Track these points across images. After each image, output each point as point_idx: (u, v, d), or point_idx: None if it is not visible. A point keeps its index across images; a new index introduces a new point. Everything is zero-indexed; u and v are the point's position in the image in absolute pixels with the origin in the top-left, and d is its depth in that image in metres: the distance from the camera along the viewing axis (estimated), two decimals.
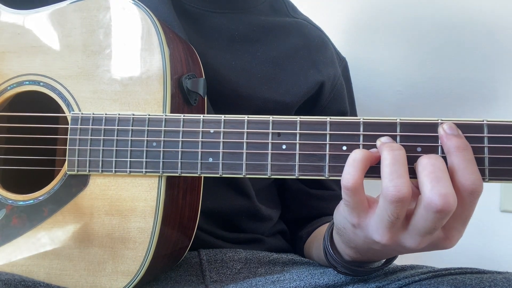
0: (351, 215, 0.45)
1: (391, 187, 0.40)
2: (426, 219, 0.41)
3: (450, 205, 0.39)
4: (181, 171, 0.51)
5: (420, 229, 0.42)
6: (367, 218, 0.44)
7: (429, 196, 0.39)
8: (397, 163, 0.41)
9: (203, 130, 0.51)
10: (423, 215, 0.41)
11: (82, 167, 0.53)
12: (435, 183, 0.39)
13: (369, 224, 0.44)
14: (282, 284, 0.57)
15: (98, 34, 0.56)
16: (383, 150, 0.43)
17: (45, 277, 0.54)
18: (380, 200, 0.42)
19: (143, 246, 0.52)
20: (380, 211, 0.42)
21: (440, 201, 0.39)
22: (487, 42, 0.94)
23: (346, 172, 0.43)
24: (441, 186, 0.39)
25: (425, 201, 0.40)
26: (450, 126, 0.43)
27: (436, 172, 0.40)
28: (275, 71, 0.72)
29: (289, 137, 0.49)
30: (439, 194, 0.39)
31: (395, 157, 0.42)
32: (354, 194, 0.43)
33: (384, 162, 0.42)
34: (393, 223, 0.42)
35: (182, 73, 0.57)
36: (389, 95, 1.00)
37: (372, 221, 0.44)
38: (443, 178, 0.40)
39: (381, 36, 1.02)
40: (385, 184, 0.41)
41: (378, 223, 0.43)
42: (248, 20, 0.73)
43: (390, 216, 0.41)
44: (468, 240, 0.93)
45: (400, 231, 0.43)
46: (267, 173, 0.49)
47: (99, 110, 0.54)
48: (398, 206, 0.41)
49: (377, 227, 0.43)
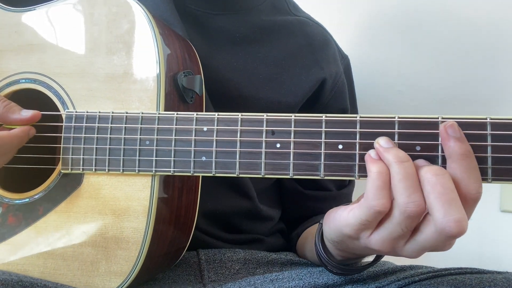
0: (363, 232, 0.44)
1: (410, 203, 0.40)
2: (436, 240, 0.40)
3: (464, 230, 0.38)
4: (173, 170, 0.50)
5: (426, 246, 0.42)
6: (373, 232, 0.44)
7: (442, 221, 0.39)
8: (410, 177, 0.40)
9: (196, 128, 0.50)
10: (433, 236, 0.40)
11: (75, 166, 0.53)
12: (448, 207, 0.39)
13: (373, 237, 0.44)
14: (281, 283, 0.56)
15: (93, 31, 0.55)
16: (391, 164, 0.41)
17: (39, 276, 0.53)
18: (395, 213, 0.41)
19: (136, 246, 0.51)
20: (392, 225, 0.42)
21: (455, 228, 0.38)
22: (488, 42, 0.92)
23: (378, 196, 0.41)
24: (454, 211, 0.38)
25: (439, 227, 0.39)
26: (453, 127, 0.41)
27: (447, 194, 0.39)
28: (278, 72, 0.71)
29: (284, 135, 0.47)
30: (454, 220, 0.38)
31: (406, 170, 0.41)
32: (381, 215, 0.42)
33: (396, 177, 0.41)
34: (402, 236, 0.42)
35: (177, 70, 0.56)
36: (389, 95, 0.99)
37: (377, 234, 0.43)
38: (454, 201, 0.39)
39: (381, 36, 1.01)
40: (402, 200, 0.40)
41: (385, 236, 0.42)
42: (250, 21, 0.72)
43: (404, 229, 0.41)
44: (468, 240, 0.92)
45: (403, 244, 0.43)
46: (260, 172, 0.48)
47: (93, 108, 0.54)
48: (413, 220, 0.41)
49: (383, 239, 0.43)
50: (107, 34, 0.55)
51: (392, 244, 0.43)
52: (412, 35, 0.98)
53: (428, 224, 0.40)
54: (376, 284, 0.53)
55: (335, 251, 0.51)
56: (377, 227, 0.43)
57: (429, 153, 0.43)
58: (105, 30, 0.55)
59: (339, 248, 0.50)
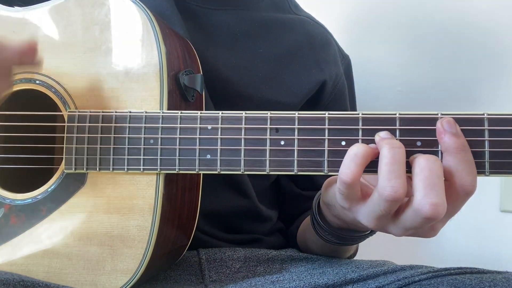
0: (343, 202, 0.46)
1: (388, 187, 0.41)
2: (413, 220, 0.42)
3: (439, 214, 0.40)
4: (179, 168, 0.51)
5: (406, 225, 0.43)
6: (358, 206, 0.45)
7: (420, 202, 0.40)
8: (396, 163, 0.41)
9: (200, 127, 0.50)
10: (411, 216, 0.42)
11: (79, 165, 0.53)
12: (429, 190, 0.40)
13: (359, 211, 0.45)
14: (281, 284, 0.57)
15: (94, 30, 0.55)
16: (382, 146, 0.43)
17: (44, 276, 0.53)
18: (374, 195, 0.43)
19: (142, 244, 0.52)
20: (372, 204, 0.43)
21: (430, 210, 0.39)
22: (488, 42, 0.94)
23: (345, 166, 0.43)
24: (433, 194, 0.40)
25: (415, 206, 0.40)
26: (449, 122, 0.43)
27: (432, 178, 0.40)
28: (277, 70, 0.71)
29: (288, 132, 0.48)
30: (430, 203, 0.39)
31: (395, 155, 0.42)
32: (351, 187, 0.44)
33: (383, 160, 0.42)
34: (383, 216, 0.43)
35: (179, 69, 0.56)
36: (389, 95, 1.00)
37: (363, 209, 0.45)
38: (437, 186, 0.40)
39: (381, 36, 1.01)
40: (382, 182, 0.41)
41: (368, 212, 0.44)
42: (250, 17, 0.72)
43: (382, 211, 0.42)
44: (468, 240, 0.93)
45: (388, 222, 0.45)
46: (265, 169, 0.49)
47: (95, 108, 0.54)
48: (392, 204, 0.42)
49: (367, 215, 0.44)
50: (108, 33, 0.55)
51: (377, 221, 0.44)
52: (412, 35, 0.99)
53: (409, 204, 0.42)
54: (376, 284, 0.54)
55: (330, 216, 0.53)
56: (364, 203, 0.45)
57: (429, 149, 0.45)
58: (106, 29, 0.55)
59: (334, 214, 0.51)
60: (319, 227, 0.56)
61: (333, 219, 0.53)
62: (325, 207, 0.53)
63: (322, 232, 0.56)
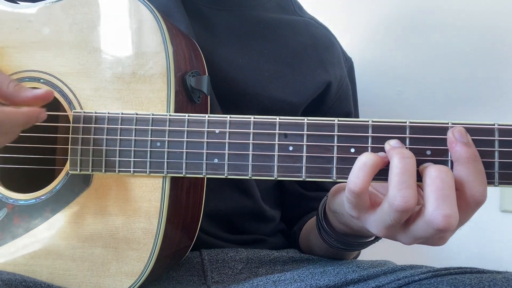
0: (352, 211, 0.45)
1: (399, 197, 0.41)
2: (425, 231, 0.42)
3: (451, 225, 0.40)
4: (185, 172, 0.50)
5: (417, 235, 0.43)
6: (366, 215, 0.45)
7: (432, 214, 0.40)
8: (407, 173, 0.41)
9: (208, 131, 0.50)
10: (423, 227, 0.42)
11: (85, 167, 0.53)
12: (441, 202, 0.40)
13: (368, 220, 0.45)
14: (283, 284, 0.58)
15: (100, 30, 0.55)
16: (393, 156, 0.42)
17: (48, 277, 0.53)
18: (384, 204, 0.43)
19: (148, 247, 0.51)
20: (382, 214, 0.43)
21: (442, 221, 0.39)
22: (489, 42, 0.94)
23: (354, 175, 0.43)
24: (446, 206, 0.40)
25: (427, 218, 0.40)
26: (461, 132, 0.43)
27: (444, 189, 0.40)
28: (283, 70, 0.71)
29: (296, 138, 0.48)
30: (443, 215, 0.39)
31: (406, 166, 0.41)
32: (359, 197, 0.44)
33: (393, 170, 0.42)
34: (393, 225, 0.43)
35: (185, 70, 0.55)
36: (389, 95, 1.00)
37: (372, 218, 0.45)
38: (449, 197, 0.40)
39: (381, 36, 1.01)
40: (392, 193, 0.41)
41: (378, 222, 0.44)
42: (256, 17, 0.72)
43: (392, 221, 0.42)
44: (468, 240, 0.94)
45: (397, 231, 0.45)
46: (273, 174, 0.48)
47: (101, 109, 0.53)
48: (402, 214, 0.42)
49: (376, 224, 0.44)
50: (114, 33, 0.54)
51: (386, 230, 0.44)
52: (413, 35, 0.99)
53: (421, 215, 0.42)
54: (376, 283, 0.55)
55: (337, 223, 0.53)
56: (373, 212, 0.45)
57: (439, 158, 0.45)
58: (112, 29, 0.54)
59: (341, 221, 0.51)
60: (325, 233, 0.56)
61: (340, 225, 0.53)
62: (331, 214, 0.53)
63: (328, 238, 0.56)
